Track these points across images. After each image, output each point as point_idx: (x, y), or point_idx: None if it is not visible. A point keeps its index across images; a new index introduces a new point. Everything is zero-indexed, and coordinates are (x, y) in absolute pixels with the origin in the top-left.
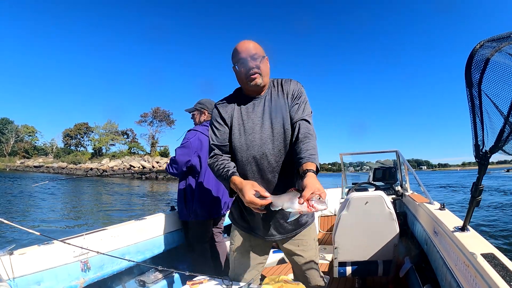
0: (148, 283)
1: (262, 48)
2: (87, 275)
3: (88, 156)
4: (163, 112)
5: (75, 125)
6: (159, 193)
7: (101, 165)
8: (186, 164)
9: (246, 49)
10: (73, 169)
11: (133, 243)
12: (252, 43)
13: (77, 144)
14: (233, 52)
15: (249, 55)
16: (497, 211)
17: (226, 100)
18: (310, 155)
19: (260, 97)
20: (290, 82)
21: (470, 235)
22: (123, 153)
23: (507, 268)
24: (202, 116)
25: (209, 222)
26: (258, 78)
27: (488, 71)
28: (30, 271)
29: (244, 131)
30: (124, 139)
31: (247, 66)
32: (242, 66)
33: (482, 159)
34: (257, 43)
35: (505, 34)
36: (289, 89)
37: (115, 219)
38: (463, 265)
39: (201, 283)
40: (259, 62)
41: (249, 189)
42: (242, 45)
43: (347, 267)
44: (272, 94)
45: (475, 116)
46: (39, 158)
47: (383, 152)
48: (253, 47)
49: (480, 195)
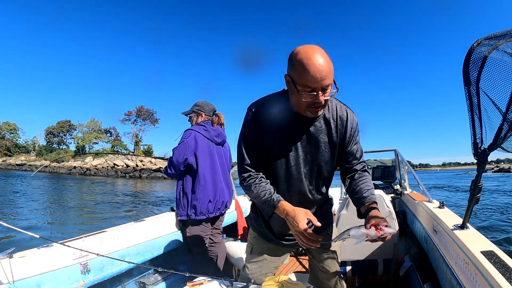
0: (148, 284)
1: (332, 67)
2: (87, 277)
3: (71, 154)
4: (147, 111)
5: (58, 123)
6: (145, 192)
7: (85, 164)
8: (184, 163)
9: (319, 72)
10: (56, 167)
11: (133, 245)
12: (327, 62)
13: (59, 142)
14: (298, 63)
15: (322, 84)
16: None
17: (271, 111)
18: (371, 195)
19: (312, 122)
20: (347, 116)
21: (470, 232)
22: (106, 151)
23: (507, 266)
24: (199, 118)
25: (207, 221)
26: (321, 111)
27: (485, 68)
28: (30, 274)
29: (286, 161)
30: (108, 138)
31: (316, 99)
32: (309, 97)
33: (480, 157)
34: (330, 60)
35: (503, 32)
36: (347, 126)
37: (112, 220)
38: (463, 263)
39: (201, 284)
40: (329, 92)
41: (303, 217)
42: (316, 62)
43: (347, 266)
44: (326, 122)
45: (473, 114)
46: (21, 156)
47: (382, 151)
48: (328, 70)
49: (479, 193)
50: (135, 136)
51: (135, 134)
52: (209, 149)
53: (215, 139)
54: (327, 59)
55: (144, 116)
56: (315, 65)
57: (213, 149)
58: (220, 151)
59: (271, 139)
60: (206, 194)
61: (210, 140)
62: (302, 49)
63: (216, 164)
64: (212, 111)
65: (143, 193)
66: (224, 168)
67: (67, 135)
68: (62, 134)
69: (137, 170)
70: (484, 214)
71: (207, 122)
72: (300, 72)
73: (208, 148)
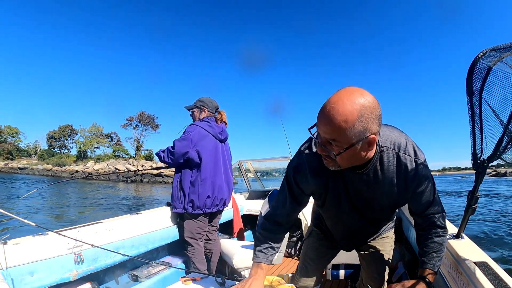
0: (141, 277)
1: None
2: (80, 267)
3: (72, 158)
4: (148, 116)
5: (60, 127)
6: (148, 196)
7: (86, 168)
8: (183, 156)
9: (321, 118)
10: (58, 171)
11: (128, 237)
12: (338, 114)
13: (61, 146)
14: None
15: (320, 132)
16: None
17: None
18: (430, 261)
19: (365, 171)
20: (416, 171)
21: (464, 242)
22: (108, 156)
23: (499, 278)
24: (202, 113)
25: (204, 217)
26: (331, 166)
27: (489, 79)
28: (24, 262)
29: (336, 212)
30: (109, 142)
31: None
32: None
33: (479, 167)
34: (346, 114)
35: (508, 44)
36: (412, 183)
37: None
38: (455, 273)
39: (194, 280)
40: (330, 149)
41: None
42: (326, 106)
43: (340, 270)
44: (384, 171)
45: (474, 125)
46: (23, 160)
47: None
48: (332, 121)
49: (476, 203)
50: (136, 141)
51: (136, 139)
52: (212, 145)
53: (218, 135)
54: (341, 110)
55: (145, 121)
56: (323, 109)
57: (216, 146)
58: (222, 148)
59: (323, 191)
60: (205, 189)
61: (213, 136)
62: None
63: (218, 161)
64: (215, 108)
65: (143, 197)
66: (225, 165)
67: (68, 139)
68: (63, 138)
69: (138, 175)
70: (482, 222)
71: (211, 118)
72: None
73: (210, 144)
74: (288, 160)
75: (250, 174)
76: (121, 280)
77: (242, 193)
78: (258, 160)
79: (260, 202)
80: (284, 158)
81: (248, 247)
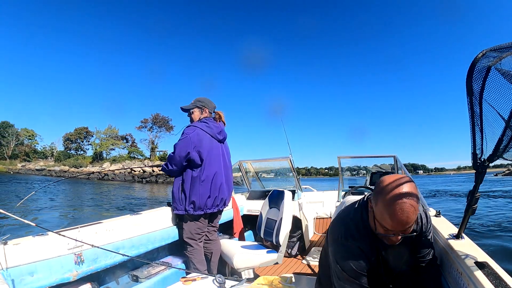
0: (141, 278)
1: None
2: (81, 268)
3: (89, 160)
4: (163, 118)
5: (75, 129)
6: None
7: (102, 169)
8: (185, 158)
9: (401, 223)
10: (75, 172)
11: (128, 238)
12: (413, 210)
13: (77, 148)
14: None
15: (401, 230)
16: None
17: (367, 238)
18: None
19: None
20: (419, 221)
21: (465, 243)
22: (123, 157)
23: (500, 278)
24: (203, 113)
25: (205, 217)
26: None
27: (489, 79)
28: (24, 262)
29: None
30: (124, 144)
31: (390, 237)
32: (384, 232)
33: (479, 167)
34: (416, 203)
35: (508, 44)
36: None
37: None
38: (456, 273)
39: (194, 280)
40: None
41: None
42: (399, 210)
43: None
44: None
45: (474, 125)
46: (40, 162)
47: (381, 157)
48: (412, 219)
49: (476, 204)
50: (151, 142)
51: (151, 141)
52: (211, 146)
53: (217, 136)
54: (413, 205)
55: (159, 123)
56: (397, 214)
57: (215, 146)
58: (221, 148)
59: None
60: (206, 190)
61: (212, 137)
62: (391, 185)
63: (218, 161)
64: (213, 108)
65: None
66: (225, 165)
67: (84, 141)
68: (79, 140)
69: (153, 175)
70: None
71: (209, 119)
72: (383, 213)
73: (210, 145)
74: (288, 160)
75: (250, 174)
76: (121, 280)
77: (243, 193)
78: (258, 160)
79: (260, 202)
80: (284, 158)
81: (248, 247)
